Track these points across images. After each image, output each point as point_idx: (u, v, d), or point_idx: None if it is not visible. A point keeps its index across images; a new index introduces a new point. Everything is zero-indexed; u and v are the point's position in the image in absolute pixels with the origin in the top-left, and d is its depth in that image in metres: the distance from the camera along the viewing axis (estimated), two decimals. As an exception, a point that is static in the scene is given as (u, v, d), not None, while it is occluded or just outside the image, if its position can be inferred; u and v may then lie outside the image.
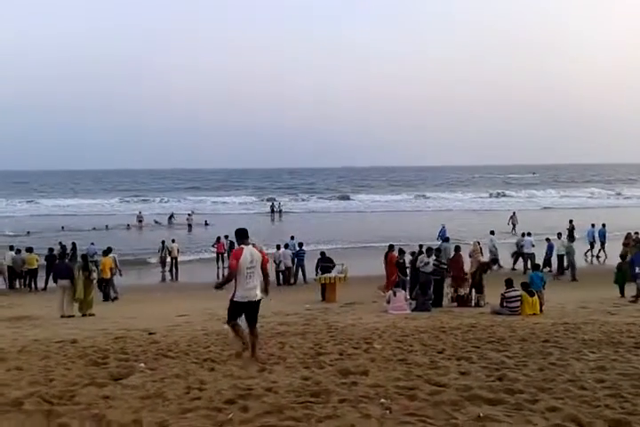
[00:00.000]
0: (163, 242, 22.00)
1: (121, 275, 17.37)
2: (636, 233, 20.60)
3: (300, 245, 20.26)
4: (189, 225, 36.48)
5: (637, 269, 14.33)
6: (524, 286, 12.38)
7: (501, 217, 32.43)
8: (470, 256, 15.62)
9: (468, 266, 14.97)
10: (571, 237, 21.93)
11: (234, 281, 6.54)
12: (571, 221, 24.51)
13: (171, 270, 21.64)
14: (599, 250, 23.10)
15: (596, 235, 22.97)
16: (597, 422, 3.71)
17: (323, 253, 18.02)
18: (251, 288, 6.54)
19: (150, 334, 9.22)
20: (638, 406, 4.03)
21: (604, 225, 23.24)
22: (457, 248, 15.68)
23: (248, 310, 6.62)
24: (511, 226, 29.61)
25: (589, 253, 23.11)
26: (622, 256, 16.49)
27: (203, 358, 6.78)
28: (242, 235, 6.74)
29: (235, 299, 6.57)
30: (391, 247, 16.78)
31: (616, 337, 7.57)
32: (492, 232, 22.01)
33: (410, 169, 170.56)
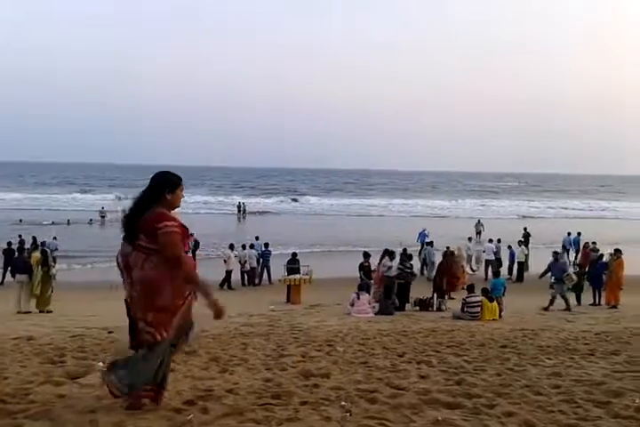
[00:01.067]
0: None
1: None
2: (594, 243, 21.23)
3: (266, 245, 20.22)
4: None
5: (553, 279, 14.86)
6: (485, 291, 12.64)
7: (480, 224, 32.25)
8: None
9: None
10: (525, 244, 22.53)
11: None
12: (525, 229, 25.43)
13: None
14: (575, 257, 23.71)
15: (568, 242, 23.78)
16: (551, 427, 3.81)
17: (294, 254, 18.00)
18: None
19: (110, 332, 9.06)
20: (590, 412, 4.14)
21: (579, 233, 23.95)
22: (451, 253, 16.22)
23: None
24: (475, 233, 30.17)
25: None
26: (579, 265, 16.99)
27: (163, 357, 6.70)
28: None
29: None
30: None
31: (572, 344, 7.77)
32: (470, 239, 22.40)
33: (392, 173, 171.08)
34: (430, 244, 20.94)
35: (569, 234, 24.23)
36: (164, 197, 3.70)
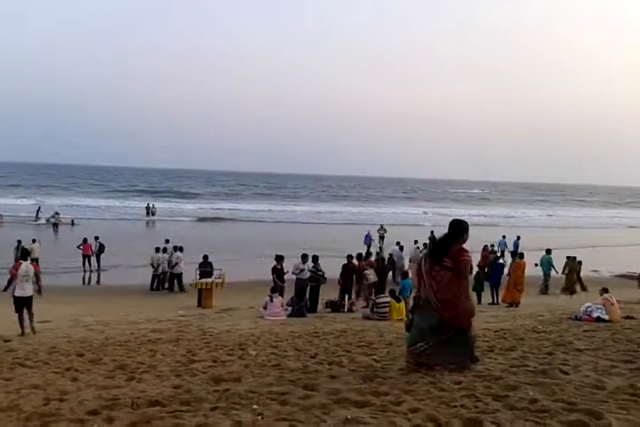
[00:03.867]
0: (19, 241, 20.39)
1: None
2: (492, 245, 22.48)
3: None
4: (55, 224, 34.30)
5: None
6: (392, 292, 13.04)
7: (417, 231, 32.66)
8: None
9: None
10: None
11: (15, 283, 10.07)
12: (432, 232, 26.42)
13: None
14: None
15: (509, 245, 25.55)
16: (454, 421, 3.99)
17: (205, 257, 17.61)
18: (24, 288, 10.06)
19: (6, 341, 8.53)
20: (489, 406, 4.38)
21: (518, 237, 25.34)
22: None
23: (24, 302, 10.03)
24: (378, 238, 30.69)
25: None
26: (479, 266, 17.88)
27: (64, 367, 6.39)
28: (23, 253, 11.00)
29: (15, 295, 10.01)
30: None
31: (473, 341, 8.16)
32: (398, 243, 22.78)
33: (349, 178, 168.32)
34: (396, 243, 21.64)
35: (504, 237, 25.92)
36: (462, 236, 5.71)
